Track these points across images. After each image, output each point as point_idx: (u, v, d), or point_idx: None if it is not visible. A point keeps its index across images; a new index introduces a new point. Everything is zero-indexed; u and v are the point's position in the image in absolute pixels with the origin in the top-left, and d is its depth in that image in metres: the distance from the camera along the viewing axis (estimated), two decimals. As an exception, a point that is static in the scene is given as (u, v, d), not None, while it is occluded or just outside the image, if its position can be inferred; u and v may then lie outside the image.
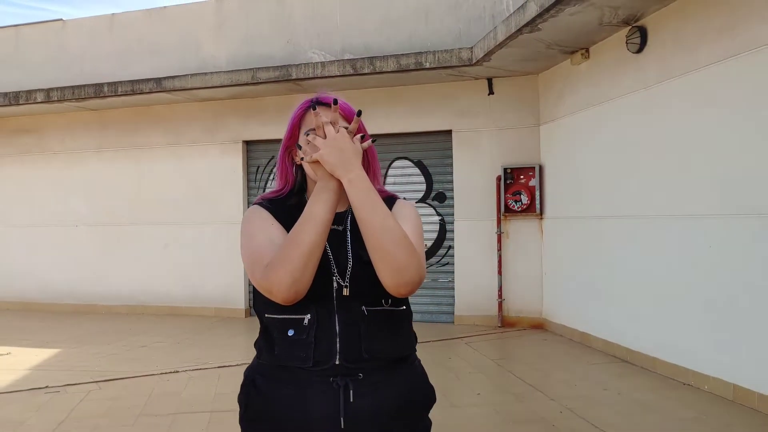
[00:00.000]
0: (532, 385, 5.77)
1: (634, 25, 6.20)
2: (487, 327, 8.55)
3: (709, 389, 5.27)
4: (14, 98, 9.97)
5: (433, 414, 1.80)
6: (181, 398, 5.58)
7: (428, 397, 1.77)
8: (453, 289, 8.98)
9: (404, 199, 1.87)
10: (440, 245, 9.14)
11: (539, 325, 8.41)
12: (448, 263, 9.05)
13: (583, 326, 7.36)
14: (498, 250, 8.66)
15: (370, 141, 1.69)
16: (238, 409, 1.77)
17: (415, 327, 1.82)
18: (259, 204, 1.80)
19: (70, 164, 10.87)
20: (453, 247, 9.01)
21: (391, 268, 1.53)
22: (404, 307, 1.74)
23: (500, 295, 8.61)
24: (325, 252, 1.62)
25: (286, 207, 1.77)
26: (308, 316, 1.63)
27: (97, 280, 10.64)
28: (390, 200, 1.78)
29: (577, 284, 7.56)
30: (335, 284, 1.64)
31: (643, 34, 6.10)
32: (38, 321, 9.84)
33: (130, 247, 10.50)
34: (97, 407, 5.33)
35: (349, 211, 1.74)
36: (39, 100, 9.86)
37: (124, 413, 5.15)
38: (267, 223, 1.71)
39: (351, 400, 1.60)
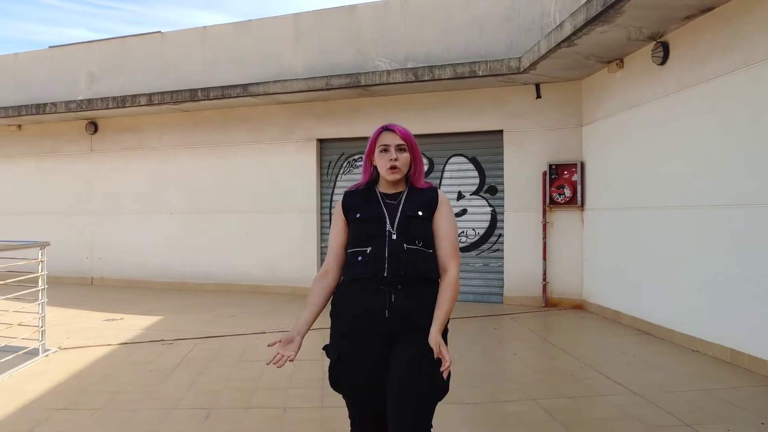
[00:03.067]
0: (561, 349, 6.80)
1: (658, 40, 7.11)
2: (532, 307, 9.55)
3: (712, 354, 6.19)
4: (121, 102, 11.53)
5: (474, 366, 2.93)
6: (270, 350, 6.82)
7: (431, 309, 2.72)
8: (502, 272, 10.02)
9: (438, 189, 2.93)
10: (491, 233, 10.19)
11: (579, 306, 9.37)
12: (498, 249, 10.10)
13: (615, 305, 8.31)
14: (543, 238, 9.65)
15: None
16: (316, 359, 3.24)
17: (468, 306, 2.98)
18: (343, 196, 2.92)
19: (165, 159, 12.40)
20: (503, 235, 10.04)
21: None
22: (431, 251, 2.78)
23: (545, 279, 9.61)
24: (382, 211, 2.77)
25: (358, 193, 2.88)
26: (370, 248, 2.73)
27: (188, 261, 12.12)
28: (432, 190, 2.86)
29: (610, 268, 8.50)
30: (387, 231, 2.73)
31: (666, 48, 7.02)
32: (139, 295, 11.35)
33: (217, 232, 11.92)
34: (204, 354, 6.66)
35: (404, 193, 2.83)
36: (142, 103, 11.38)
37: (226, 359, 6.47)
38: (335, 223, 2.91)
39: (393, 301, 2.68)
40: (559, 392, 5.26)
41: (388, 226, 2.74)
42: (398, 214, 2.76)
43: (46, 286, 6.61)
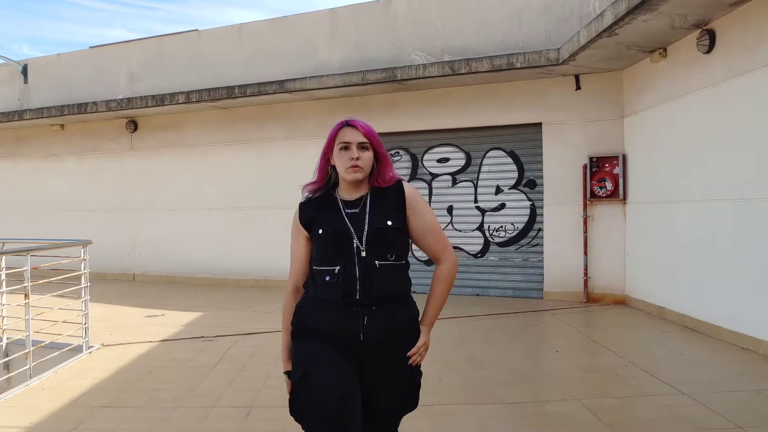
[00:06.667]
0: (605, 347, 6.65)
1: (704, 28, 6.88)
2: (573, 302, 9.37)
3: (763, 352, 5.98)
4: (160, 100, 11.66)
5: (515, 364, 2.91)
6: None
7: (412, 324, 2.62)
8: (542, 267, 9.86)
9: (405, 181, 2.67)
10: (531, 228, 10.03)
11: (622, 301, 9.17)
12: (537, 244, 9.94)
13: (660, 301, 8.11)
14: (584, 232, 9.47)
15: None
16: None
17: (507, 301, 2.92)
18: (298, 207, 2.66)
19: (204, 156, 12.51)
20: (542, 230, 9.88)
21: None
22: (404, 261, 2.60)
23: (586, 273, 9.43)
24: (346, 226, 2.52)
25: (315, 203, 2.64)
26: (338, 267, 2.49)
27: (227, 256, 12.22)
28: (396, 187, 2.60)
29: (654, 263, 8.29)
30: (356, 247, 2.49)
31: (712, 36, 6.79)
32: (180, 291, 11.49)
33: (255, 228, 11.98)
34: (244, 351, 6.69)
35: (366, 196, 2.58)
36: (181, 101, 11.49)
37: (265, 356, 6.48)
38: (296, 238, 2.66)
39: (365, 323, 2.49)
40: (604, 392, 5.14)
41: (356, 242, 2.50)
42: (366, 227, 2.53)
43: (89, 284, 6.70)
